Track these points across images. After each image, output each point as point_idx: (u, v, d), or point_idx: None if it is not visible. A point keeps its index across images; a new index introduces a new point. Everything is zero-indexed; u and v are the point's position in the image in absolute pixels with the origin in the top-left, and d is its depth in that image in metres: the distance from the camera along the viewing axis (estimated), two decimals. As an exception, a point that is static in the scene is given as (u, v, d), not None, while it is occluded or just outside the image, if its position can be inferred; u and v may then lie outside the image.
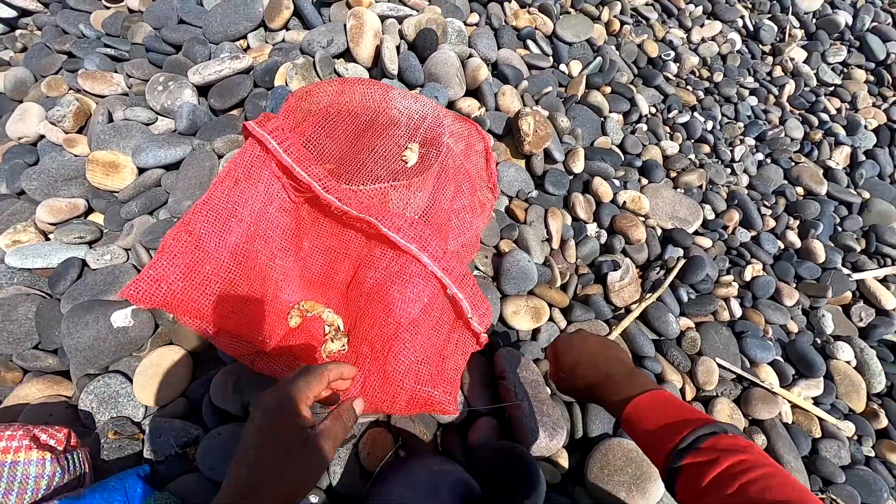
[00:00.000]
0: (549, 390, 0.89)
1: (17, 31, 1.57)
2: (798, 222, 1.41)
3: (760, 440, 0.96)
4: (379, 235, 0.73)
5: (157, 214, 1.02)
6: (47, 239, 1.01)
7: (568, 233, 1.12)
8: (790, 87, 1.78)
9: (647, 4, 1.84)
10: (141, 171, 1.06)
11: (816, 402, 1.08)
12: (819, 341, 1.19)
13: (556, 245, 1.10)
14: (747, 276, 1.22)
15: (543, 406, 0.83)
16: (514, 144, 1.20)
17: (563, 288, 1.04)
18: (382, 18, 1.23)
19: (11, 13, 1.55)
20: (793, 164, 1.56)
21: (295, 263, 0.78)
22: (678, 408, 0.54)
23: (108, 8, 1.48)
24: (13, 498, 0.57)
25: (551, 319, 0.98)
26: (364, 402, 0.53)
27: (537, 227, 1.09)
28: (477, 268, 0.99)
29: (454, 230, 0.83)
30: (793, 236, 1.35)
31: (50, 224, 1.00)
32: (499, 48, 1.36)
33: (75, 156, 1.14)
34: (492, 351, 0.90)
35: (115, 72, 1.29)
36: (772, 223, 1.38)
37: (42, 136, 1.19)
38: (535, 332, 0.97)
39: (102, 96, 1.24)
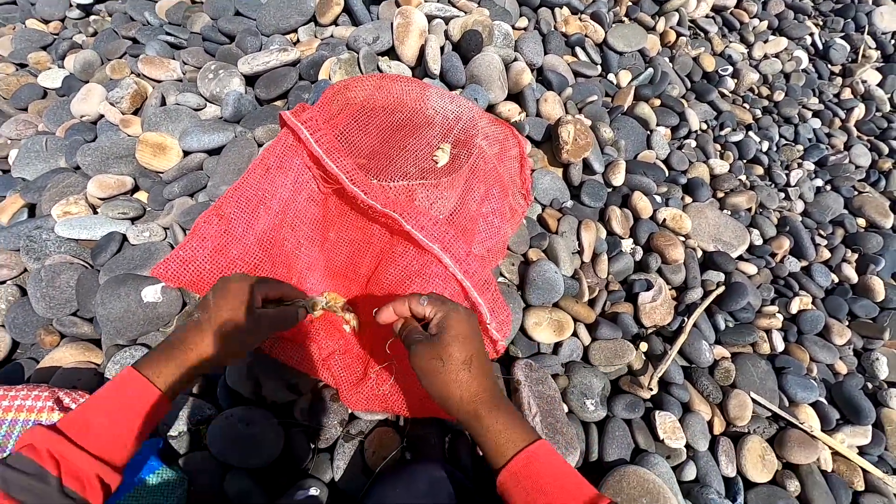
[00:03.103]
0: (565, 407, 0.86)
1: (91, 17, 1.67)
2: (857, 256, 1.31)
3: (793, 486, 0.89)
4: (402, 232, 0.72)
5: (197, 197, 1.05)
6: (95, 212, 1.06)
7: (601, 247, 1.08)
8: (859, 111, 1.66)
9: (706, 17, 1.76)
10: (186, 154, 1.10)
11: (862, 451, 0.99)
12: (870, 386, 1.10)
13: (587, 258, 1.06)
14: (794, 309, 1.14)
15: (558, 424, 0.80)
16: (552, 152, 1.17)
17: (591, 303, 1.00)
18: (430, 18, 1.23)
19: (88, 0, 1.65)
20: (856, 192, 1.45)
21: (320, 253, 0.79)
22: (559, 476, 0.49)
23: (172, -3, 1.55)
24: (31, 455, 0.60)
25: (575, 334, 0.95)
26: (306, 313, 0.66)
27: (569, 238, 1.06)
28: (502, 274, 0.97)
29: (480, 234, 0.81)
30: (849, 270, 1.26)
31: (99, 199, 1.05)
32: (545, 54, 1.33)
33: (128, 135, 1.19)
34: (509, 361, 0.88)
35: (173, 58, 1.35)
36: (826, 254, 1.29)
37: (101, 116, 1.25)
38: (557, 347, 0.94)
39: (159, 81, 1.30)
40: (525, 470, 0.48)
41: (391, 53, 1.23)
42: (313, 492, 0.69)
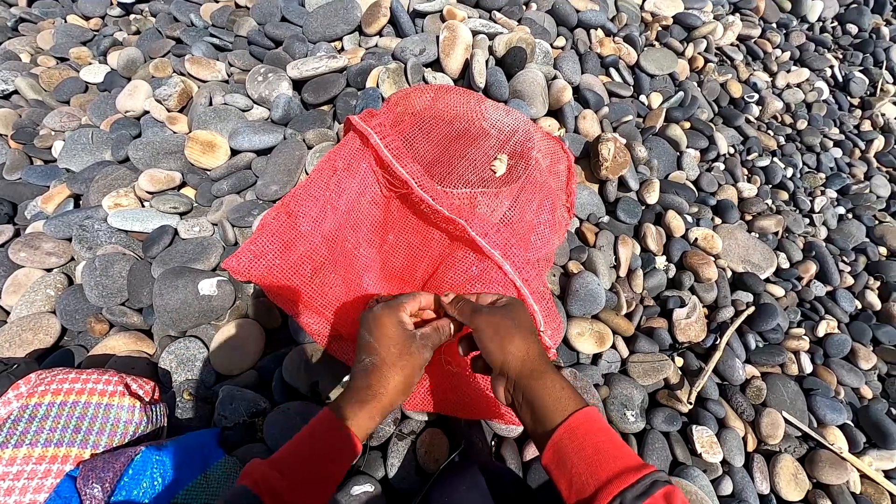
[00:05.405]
0: (607, 417, 0.88)
1: (132, 16, 1.71)
2: (879, 283, 1.34)
3: (825, 506, 0.90)
4: (463, 238, 0.74)
5: (245, 195, 1.07)
6: (142, 205, 1.08)
7: (636, 262, 1.11)
8: (879, 143, 1.70)
9: (732, 45, 1.81)
10: (234, 153, 1.13)
11: (888, 475, 1.01)
12: (895, 411, 1.12)
13: (623, 273, 1.09)
14: (820, 332, 1.17)
15: (602, 432, 0.81)
16: (589, 168, 1.20)
17: (629, 316, 1.02)
18: (474, 33, 1.27)
19: (130, -1, 1.69)
20: (877, 222, 1.48)
21: (378, 255, 0.80)
22: (615, 438, 0.50)
23: (217, 1, 1.59)
24: (104, 438, 0.61)
25: (614, 346, 0.97)
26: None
27: (606, 252, 1.08)
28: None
29: (534, 244, 0.83)
30: (873, 297, 1.28)
31: (147, 192, 1.07)
32: (582, 73, 1.37)
33: (174, 132, 1.22)
34: (552, 369, 0.90)
35: (218, 60, 1.38)
36: (850, 280, 1.31)
37: (146, 112, 1.28)
38: (597, 357, 0.96)
39: (204, 81, 1.33)
40: (583, 426, 0.49)
41: (435, 65, 1.26)
42: (367, 488, 0.70)
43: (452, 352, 0.73)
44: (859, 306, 1.28)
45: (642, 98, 1.47)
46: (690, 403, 0.92)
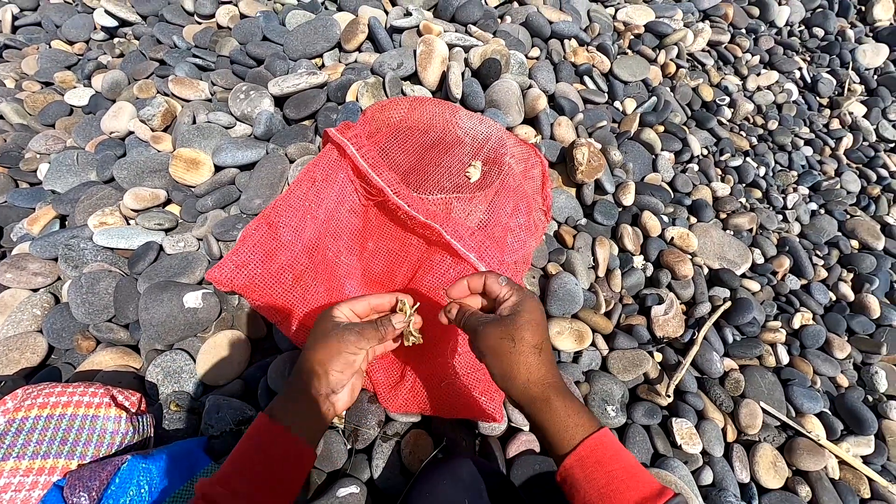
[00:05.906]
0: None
1: (116, 39, 1.73)
2: (852, 275, 1.38)
3: (804, 492, 0.92)
4: (439, 242, 0.77)
5: (229, 210, 1.09)
6: (128, 223, 1.10)
7: (614, 262, 1.14)
8: (848, 141, 1.76)
9: (703, 51, 1.87)
10: (218, 169, 1.15)
11: (866, 461, 1.03)
12: (871, 399, 1.15)
13: (601, 273, 1.12)
14: (796, 324, 1.20)
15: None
16: (566, 173, 1.23)
17: (608, 315, 1.05)
18: (450, 47, 1.31)
19: (113, 23, 1.72)
20: (848, 216, 1.53)
21: (358, 262, 0.83)
22: (628, 463, 0.49)
23: (199, 23, 1.63)
24: (91, 449, 0.62)
25: (593, 344, 0.99)
26: (402, 319, 0.63)
27: (584, 253, 1.11)
28: (524, 287, 1.01)
29: (509, 246, 0.86)
30: (846, 289, 1.32)
31: (133, 210, 1.09)
32: (557, 81, 1.42)
33: (158, 151, 1.24)
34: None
35: (201, 79, 1.41)
36: (824, 273, 1.35)
37: (131, 132, 1.30)
38: (577, 355, 0.98)
39: (188, 100, 1.36)
40: (593, 455, 0.48)
41: (413, 78, 1.30)
42: (353, 489, 0.72)
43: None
44: (833, 298, 1.32)
45: (617, 104, 1.52)
46: (669, 397, 0.95)
